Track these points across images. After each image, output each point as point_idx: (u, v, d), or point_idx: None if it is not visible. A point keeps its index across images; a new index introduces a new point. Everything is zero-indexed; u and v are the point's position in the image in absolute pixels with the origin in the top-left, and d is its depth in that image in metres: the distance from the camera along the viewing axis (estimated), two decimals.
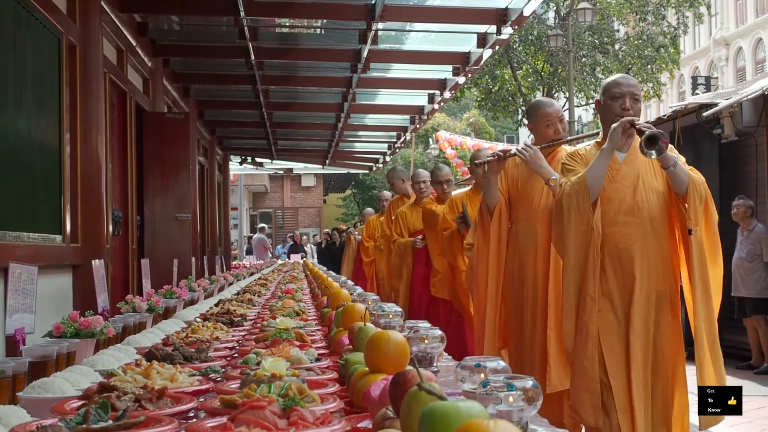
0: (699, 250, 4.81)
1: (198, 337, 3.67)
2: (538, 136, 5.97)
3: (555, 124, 5.90)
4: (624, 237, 4.91)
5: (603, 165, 4.88)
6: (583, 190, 4.86)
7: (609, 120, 5.00)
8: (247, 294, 6.85)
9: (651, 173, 5.02)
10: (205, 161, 16.26)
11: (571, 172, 5.11)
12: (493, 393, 1.83)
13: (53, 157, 6.87)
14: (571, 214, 4.90)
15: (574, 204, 4.89)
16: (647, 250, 4.91)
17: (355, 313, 3.20)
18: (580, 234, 4.89)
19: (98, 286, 4.93)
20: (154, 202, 10.64)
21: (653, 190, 4.99)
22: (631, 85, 5.08)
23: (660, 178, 5.00)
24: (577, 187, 4.89)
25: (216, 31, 11.21)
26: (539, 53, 33.85)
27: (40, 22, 6.58)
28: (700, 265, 4.82)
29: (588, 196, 4.85)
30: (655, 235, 4.94)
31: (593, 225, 4.87)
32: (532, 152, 5.68)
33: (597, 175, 4.87)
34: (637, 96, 5.07)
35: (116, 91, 9.36)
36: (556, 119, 5.92)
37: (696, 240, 4.80)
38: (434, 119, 38.33)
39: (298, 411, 1.88)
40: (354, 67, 11.53)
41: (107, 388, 2.21)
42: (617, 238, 4.91)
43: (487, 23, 9.93)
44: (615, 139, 4.82)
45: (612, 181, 4.97)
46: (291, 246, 31.35)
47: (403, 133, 18.16)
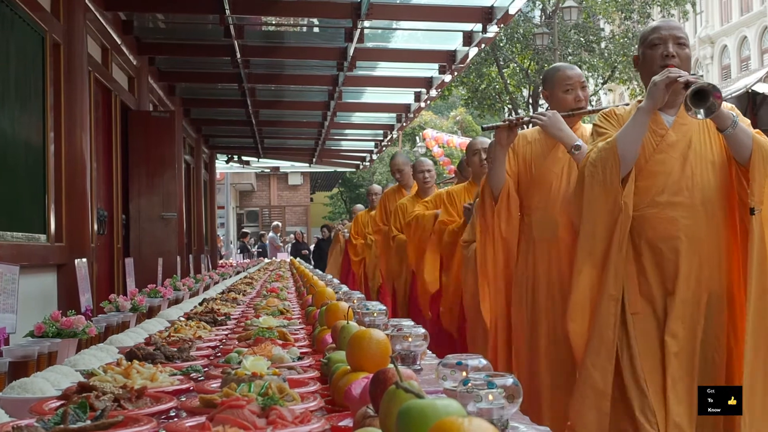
0: (761, 236, 3.85)
1: (180, 336, 3.65)
2: (555, 105, 5.05)
3: (576, 89, 5.01)
4: (668, 222, 3.99)
5: (639, 128, 3.98)
6: (612, 158, 3.96)
7: (651, 74, 4.06)
8: (231, 293, 6.83)
9: (706, 141, 4.07)
10: (191, 160, 16.22)
11: (602, 136, 4.20)
12: (474, 391, 1.82)
13: (37, 155, 6.84)
14: (594, 188, 4.01)
15: (599, 176, 3.98)
16: (699, 240, 3.98)
17: (338, 312, 3.20)
18: (604, 214, 4.00)
19: (81, 285, 4.90)
20: (139, 201, 10.62)
21: (709, 162, 4.04)
22: (674, 27, 4.19)
23: (718, 147, 4.06)
24: (605, 154, 3.98)
25: (201, 29, 11.19)
26: (525, 51, 33.88)
27: (24, 20, 6.55)
28: (761, 258, 3.85)
29: (617, 166, 3.95)
30: (709, 220, 4.00)
31: (621, 204, 3.95)
32: (551, 115, 4.84)
33: (631, 141, 3.96)
34: (683, 40, 4.16)
35: (101, 90, 9.33)
36: (577, 84, 5.03)
37: (757, 222, 3.85)
38: (421, 117, 38.34)
39: (277, 410, 1.87)
40: (340, 66, 11.52)
41: (86, 388, 2.20)
42: (660, 223, 4.00)
43: (473, 21, 9.95)
44: (655, 96, 3.92)
45: (655, 150, 4.05)
46: (294, 245, 30.64)
47: (389, 131, 18.18)
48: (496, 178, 5.03)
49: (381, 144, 19.94)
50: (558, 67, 5.20)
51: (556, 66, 5.23)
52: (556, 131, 4.79)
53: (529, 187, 5.03)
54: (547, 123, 4.83)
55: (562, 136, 4.77)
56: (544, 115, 4.86)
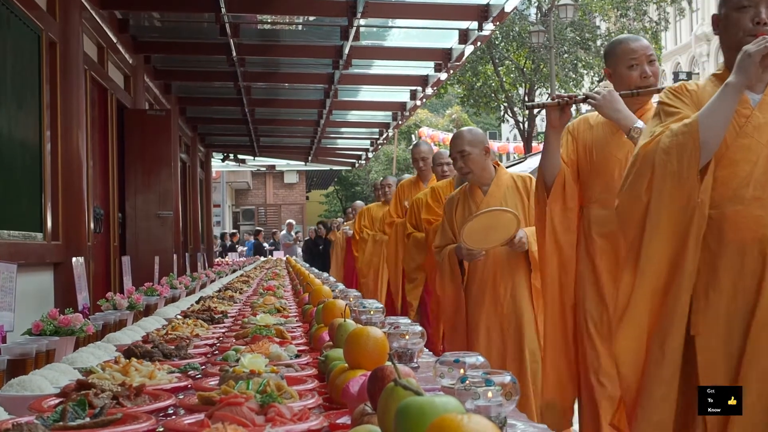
0: None
1: (178, 334, 3.66)
2: (618, 83, 4.38)
3: (642, 64, 4.33)
4: (753, 222, 3.24)
5: (727, 108, 3.24)
6: (691, 144, 3.21)
7: (734, 42, 3.41)
8: (228, 291, 6.84)
9: None
10: (187, 158, 16.21)
11: (671, 116, 3.42)
12: (472, 388, 1.83)
13: (34, 154, 6.84)
14: (666, 182, 3.27)
15: (673, 165, 3.24)
16: None
17: (335, 310, 3.20)
18: (675, 213, 3.28)
19: (78, 283, 4.91)
20: (135, 199, 10.61)
21: None
22: None
23: None
24: (682, 139, 3.24)
25: (197, 28, 11.18)
26: (521, 49, 33.88)
27: (20, 19, 6.54)
28: None
29: (697, 154, 3.21)
30: None
31: (697, 202, 3.25)
32: (606, 93, 4.24)
33: (716, 124, 3.22)
34: None
35: (97, 88, 9.33)
36: (643, 58, 4.34)
37: None
38: (416, 115, 38.36)
39: (276, 407, 1.87)
40: (336, 64, 11.52)
41: (85, 385, 2.20)
42: (742, 222, 3.25)
43: (468, 19, 9.93)
44: (749, 70, 3.20)
45: (739, 134, 3.31)
46: None
47: (385, 129, 18.16)
48: (549, 165, 4.47)
49: (377, 142, 19.94)
50: (620, 39, 4.50)
51: (619, 38, 4.52)
52: (612, 112, 4.22)
53: (589, 176, 4.46)
54: (601, 102, 4.24)
55: (618, 117, 4.20)
56: (599, 93, 4.28)
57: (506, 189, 5.63)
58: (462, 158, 5.59)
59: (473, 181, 5.68)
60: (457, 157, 5.65)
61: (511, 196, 5.61)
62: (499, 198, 5.58)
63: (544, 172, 4.50)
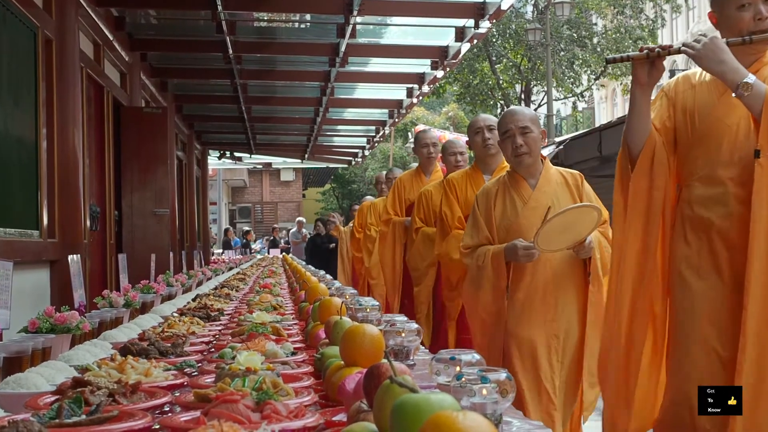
0: None
1: (174, 331, 3.66)
2: (725, 28, 3.65)
3: (757, 3, 3.53)
4: None
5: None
6: None
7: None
8: (224, 289, 6.84)
9: None
10: (183, 156, 16.21)
11: None
12: (467, 385, 1.83)
13: (30, 152, 6.84)
14: None
15: None
16: None
17: (331, 307, 3.21)
18: None
19: (75, 281, 4.90)
20: (132, 197, 10.61)
21: None
22: None
23: None
24: None
25: (194, 25, 11.17)
26: (518, 47, 33.87)
27: (16, 16, 6.54)
28: None
29: None
30: None
31: None
32: (707, 41, 3.48)
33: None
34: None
35: (93, 86, 9.32)
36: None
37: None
38: (413, 113, 38.29)
39: (272, 404, 1.87)
40: (332, 61, 11.52)
41: (81, 383, 2.20)
42: None
43: (465, 17, 9.94)
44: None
45: None
46: None
47: (381, 127, 18.15)
48: (636, 131, 3.75)
49: (373, 140, 19.93)
50: None
51: None
52: (715, 64, 3.48)
53: (690, 148, 3.73)
54: (701, 52, 3.49)
55: (724, 70, 3.45)
56: (698, 41, 3.53)
57: (556, 184, 4.87)
58: (523, 136, 4.75)
59: (522, 169, 4.85)
60: (515, 134, 4.77)
61: (562, 192, 4.85)
62: (549, 194, 4.80)
63: (628, 140, 3.78)
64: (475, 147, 6.14)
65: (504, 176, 5.01)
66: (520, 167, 4.86)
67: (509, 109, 5.07)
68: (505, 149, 4.92)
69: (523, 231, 4.72)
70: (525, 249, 4.58)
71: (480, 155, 6.17)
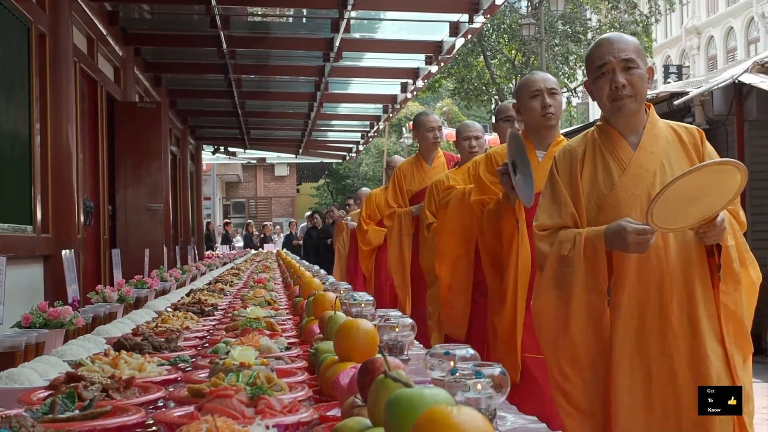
0: None
1: (168, 326, 3.65)
2: None
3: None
4: None
5: None
6: None
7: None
8: (218, 284, 6.83)
9: None
10: (177, 151, 16.19)
11: None
12: (462, 380, 1.83)
13: (23, 147, 6.82)
14: None
15: None
16: None
17: (326, 302, 3.20)
18: None
19: (68, 276, 4.90)
20: (125, 192, 10.60)
21: None
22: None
23: None
24: None
25: (187, 20, 11.16)
26: (512, 42, 33.87)
27: (9, 11, 6.52)
28: None
29: None
30: None
31: None
32: None
33: None
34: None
35: (87, 81, 9.31)
36: None
37: None
38: (407, 108, 38.28)
39: (266, 399, 1.87)
40: (326, 56, 11.51)
41: (74, 378, 2.20)
42: None
43: (459, 12, 9.94)
44: None
45: None
46: None
47: (376, 122, 18.17)
48: None
49: (367, 135, 19.94)
50: None
51: None
52: None
53: None
54: None
55: None
56: None
57: (666, 143, 3.62)
58: (626, 72, 3.55)
59: (620, 122, 3.65)
60: (615, 68, 3.55)
61: (675, 154, 3.62)
62: (657, 156, 3.57)
63: None
64: (532, 113, 4.81)
65: (593, 132, 3.78)
66: (617, 117, 3.64)
67: (605, 36, 3.73)
68: (600, 90, 3.63)
69: (621, 206, 3.53)
70: (638, 233, 3.29)
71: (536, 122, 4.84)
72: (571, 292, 3.50)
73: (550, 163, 3.93)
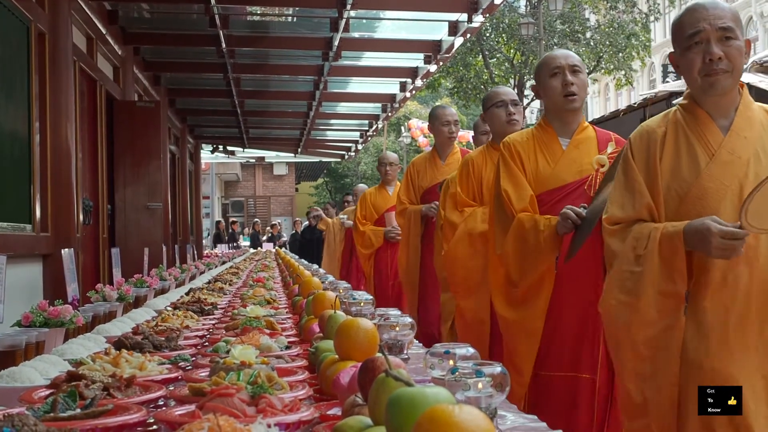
0: None
1: (168, 325, 3.65)
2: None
3: None
4: None
5: None
6: None
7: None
8: (218, 283, 6.83)
9: None
10: (176, 150, 16.19)
11: None
12: (462, 379, 1.83)
13: (22, 145, 6.83)
14: None
15: None
16: None
17: (325, 301, 3.20)
18: None
19: (68, 275, 4.90)
20: (125, 190, 10.60)
21: None
22: None
23: None
24: None
25: (187, 19, 11.16)
26: (511, 41, 33.86)
27: (9, 10, 6.52)
28: None
29: None
30: None
31: None
32: None
33: None
34: None
35: (86, 80, 9.31)
36: None
37: None
38: (406, 107, 38.30)
39: (267, 398, 1.88)
40: (325, 55, 11.51)
41: (75, 376, 2.20)
42: None
43: (458, 11, 9.95)
44: None
45: None
46: None
47: (375, 121, 18.16)
48: None
49: (366, 134, 19.93)
50: None
51: None
52: None
53: None
54: None
55: None
56: None
57: (761, 127, 3.19)
58: (723, 43, 3.13)
59: (710, 101, 3.20)
60: (710, 38, 3.14)
61: None
62: (752, 142, 3.14)
63: None
64: (552, 93, 4.27)
65: (675, 112, 3.32)
66: (708, 95, 3.19)
67: (699, 1, 3.24)
68: (690, 63, 3.18)
69: (707, 198, 3.10)
70: (725, 235, 2.89)
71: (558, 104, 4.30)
72: (639, 296, 3.10)
73: (575, 153, 3.83)
